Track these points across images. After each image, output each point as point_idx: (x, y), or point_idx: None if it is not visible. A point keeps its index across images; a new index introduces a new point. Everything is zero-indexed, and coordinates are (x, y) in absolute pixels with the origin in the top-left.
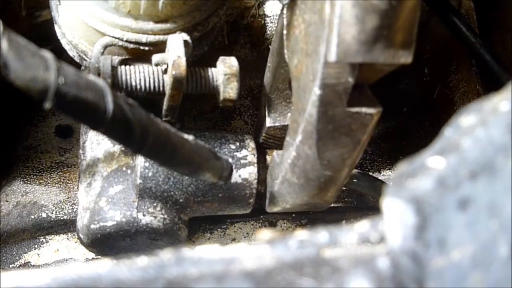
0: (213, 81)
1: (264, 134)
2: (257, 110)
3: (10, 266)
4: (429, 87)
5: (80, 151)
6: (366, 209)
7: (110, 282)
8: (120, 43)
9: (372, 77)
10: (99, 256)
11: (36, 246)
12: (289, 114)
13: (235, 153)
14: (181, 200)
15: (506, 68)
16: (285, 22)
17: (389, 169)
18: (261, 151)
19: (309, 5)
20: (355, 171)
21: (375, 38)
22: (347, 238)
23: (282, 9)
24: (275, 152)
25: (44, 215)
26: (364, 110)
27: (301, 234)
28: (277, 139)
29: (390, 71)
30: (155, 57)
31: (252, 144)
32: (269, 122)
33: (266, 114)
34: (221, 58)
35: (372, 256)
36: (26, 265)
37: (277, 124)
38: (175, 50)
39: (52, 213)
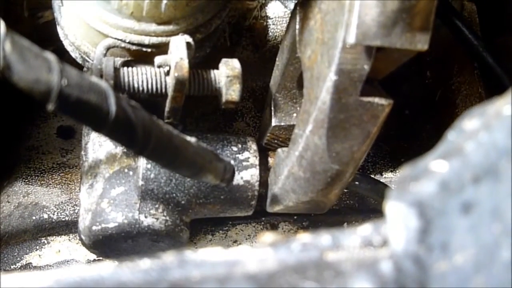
0: (216, 83)
1: (269, 134)
2: (259, 112)
3: (12, 267)
4: (431, 90)
5: (82, 153)
6: (368, 211)
7: (112, 284)
8: (123, 44)
9: (385, 68)
10: (101, 258)
11: (37, 247)
12: (294, 115)
13: (237, 155)
14: (183, 202)
15: (508, 71)
16: (298, 18)
17: (391, 171)
18: (263, 153)
19: None
20: (356, 173)
21: (394, 21)
22: (350, 241)
23: (296, 6)
24: (280, 149)
25: (45, 216)
26: (376, 100)
27: (304, 237)
28: (281, 140)
29: (404, 61)
30: (158, 59)
31: (254, 146)
32: (275, 122)
33: (272, 113)
34: (223, 60)
35: (375, 260)
36: (28, 266)
37: (283, 123)
38: (178, 52)
39: (53, 214)
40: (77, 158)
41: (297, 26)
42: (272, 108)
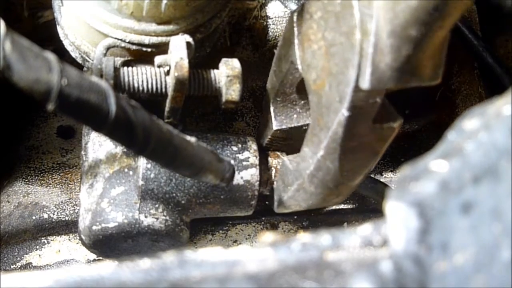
0: (216, 83)
1: (269, 137)
2: (259, 112)
3: (12, 267)
4: (431, 90)
5: (82, 152)
6: (368, 211)
7: (113, 284)
8: (123, 44)
9: (393, 90)
10: (101, 258)
11: (37, 247)
12: (295, 116)
13: (237, 155)
14: (183, 202)
15: (508, 70)
16: (296, 32)
17: (391, 171)
18: (263, 153)
19: (331, 24)
20: None
21: (408, 65)
22: (350, 241)
23: (292, 17)
24: (286, 158)
25: (45, 216)
26: (386, 125)
27: (304, 237)
28: (281, 139)
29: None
30: (158, 59)
31: (254, 146)
32: (276, 125)
33: (273, 117)
34: (223, 60)
35: (375, 260)
36: (28, 266)
37: (284, 126)
38: (178, 52)
39: (53, 214)
40: (77, 158)
41: (296, 41)
42: (272, 112)
